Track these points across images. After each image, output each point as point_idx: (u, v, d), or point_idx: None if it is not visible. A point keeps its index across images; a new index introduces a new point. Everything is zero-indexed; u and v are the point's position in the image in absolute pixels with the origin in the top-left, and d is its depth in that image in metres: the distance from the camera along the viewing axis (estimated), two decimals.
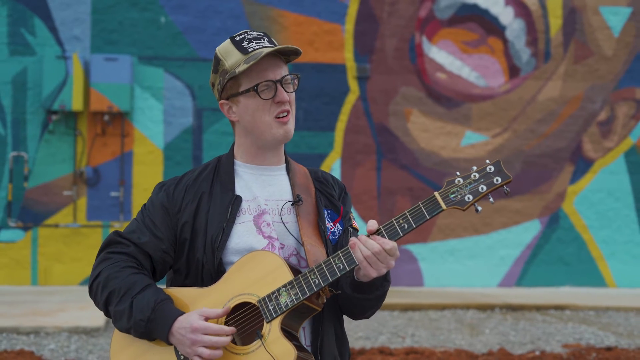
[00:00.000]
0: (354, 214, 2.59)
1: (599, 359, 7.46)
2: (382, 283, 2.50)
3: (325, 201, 2.70)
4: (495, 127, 11.68)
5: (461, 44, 11.62)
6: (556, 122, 11.76)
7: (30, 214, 10.81)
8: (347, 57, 11.43)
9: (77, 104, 10.65)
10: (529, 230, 11.72)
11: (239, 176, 2.66)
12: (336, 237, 2.66)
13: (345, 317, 2.70)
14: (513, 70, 11.72)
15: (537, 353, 7.66)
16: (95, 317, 8.27)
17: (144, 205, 2.68)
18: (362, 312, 2.60)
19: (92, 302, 2.62)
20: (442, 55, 11.58)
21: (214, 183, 2.64)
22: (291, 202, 2.63)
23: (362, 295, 2.50)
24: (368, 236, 2.40)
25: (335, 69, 11.40)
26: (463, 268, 11.58)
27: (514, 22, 11.70)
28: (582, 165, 11.82)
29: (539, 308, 10.01)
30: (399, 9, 11.48)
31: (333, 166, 11.35)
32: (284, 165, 2.71)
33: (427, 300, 10.11)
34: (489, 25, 11.66)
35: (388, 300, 10.34)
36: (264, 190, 2.64)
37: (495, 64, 11.69)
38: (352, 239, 2.41)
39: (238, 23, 11.09)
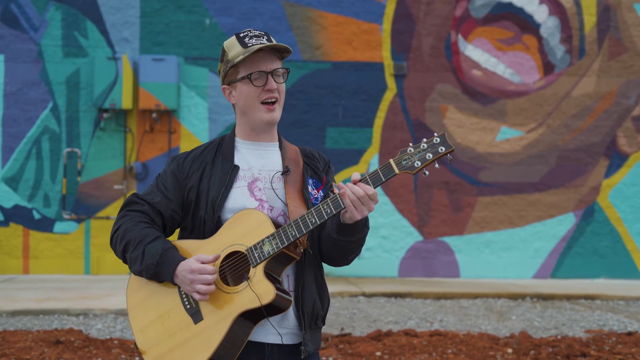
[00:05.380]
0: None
1: (618, 342, 7.72)
2: (362, 228, 2.97)
3: (310, 172, 3.19)
4: (530, 122, 11.96)
5: (496, 42, 11.93)
6: (590, 117, 12.00)
7: (83, 207, 11.43)
8: (385, 55, 11.82)
9: (126, 103, 11.24)
10: (564, 223, 11.97)
11: (238, 150, 3.17)
12: (318, 201, 3.14)
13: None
14: (548, 67, 12.00)
15: (559, 337, 7.96)
16: None
17: (159, 173, 3.21)
18: (345, 255, 3.06)
19: None
20: (477, 53, 11.90)
21: (216, 156, 3.16)
22: (281, 172, 3.11)
23: (346, 237, 2.96)
24: (354, 184, 2.87)
25: (373, 67, 11.80)
26: (498, 260, 11.89)
27: (549, 19, 11.98)
28: (616, 159, 12.04)
29: (569, 297, 10.27)
30: (435, 8, 11.84)
31: (371, 161, 11.74)
32: (277, 142, 3.20)
33: (460, 290, 10.45)
34: (524, 23, 11.96)
35: (422, 289, 10.71)
36: (259, 162, 3.14)
37: (530, 61, 11.98)
38: (340, 184, 2.88)
39: (279, 24, 11.57)
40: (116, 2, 11.45)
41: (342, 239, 2.97)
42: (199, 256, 2.92)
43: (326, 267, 3.24)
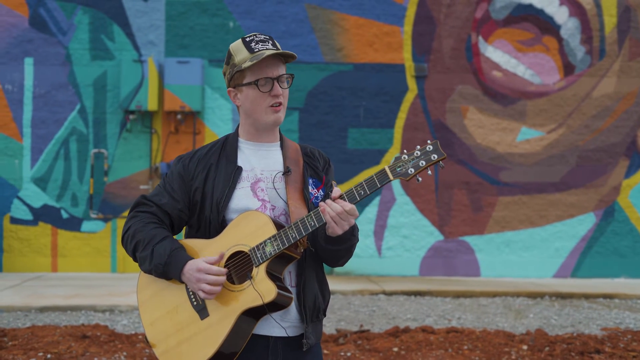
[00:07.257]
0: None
1: (633, 340, 7.82)
2: (349, 237, 3.11)
3: (310, 171, 3.31)
4: (550, 123, 12.05)
5: (516, 43, 12.04)
6: (611, 117, 12.07)
7: (109, 206, 11.69)
8: (406, 57, 11.97)
9: (152, 104, 11.48)
10: (584, 223, 12.05)
11: (242, 151, 3.29)
12: (318, 200, 3.27)
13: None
14: (568, 68, 12.08)
15: (574, 334, 8.06)
16: None
17: (166, 173, 3.34)
18: (336, 260, 3.22)
19: None
20: (497, 54, 12.01)
21: (220, 156, 3.28)
22: (282, 172, 3.25)
23: (334, 246, 3.12)
24: (333, 200, 3.01)
25: (395, 69, 11.95)
26: (519, 259, 11.99)
27: (569, 21, 12.06)
28: (636, 159, 12.10)
29: (587, 296, 10.36)
30: (455, 10, 11.97)
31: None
32: (279, 142, 3.34)
33: (479, 288, 10.57)
34: (544, 24, 12.05)
35: (442, 287, 10.85)
36: (261, 163, 3.27)
37: (550, 62, 12.07)
38: (321, 203, 3.02)
39: (301, 26, 11.75)
40: (142, 6, 11.70)
41: (329, 247, 3.11)
42: (207, 258, 3.07)
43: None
